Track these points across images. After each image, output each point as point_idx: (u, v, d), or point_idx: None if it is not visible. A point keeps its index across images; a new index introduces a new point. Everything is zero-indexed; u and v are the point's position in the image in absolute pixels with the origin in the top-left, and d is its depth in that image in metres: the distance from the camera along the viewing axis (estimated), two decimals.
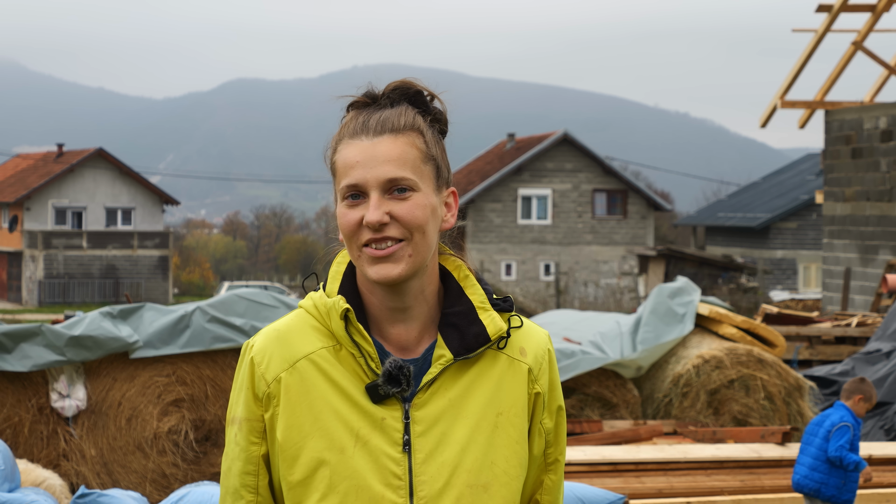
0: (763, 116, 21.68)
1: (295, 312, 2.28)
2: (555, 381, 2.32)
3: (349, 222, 2.18)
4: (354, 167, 2.19)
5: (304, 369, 2.20)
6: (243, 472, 2.25)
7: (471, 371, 2.24)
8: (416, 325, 2.24)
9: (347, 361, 2.21)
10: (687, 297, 10.36)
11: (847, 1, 20.34)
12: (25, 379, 8.23)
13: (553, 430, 2.32)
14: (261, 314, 8.82)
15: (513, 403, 2.25)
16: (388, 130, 2.21)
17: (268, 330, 2.27)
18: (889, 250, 19.43)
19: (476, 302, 2.26)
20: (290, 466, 2.19)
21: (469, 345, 2.22)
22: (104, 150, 58.65)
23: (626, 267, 48.52)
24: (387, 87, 2.26)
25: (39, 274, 55.50)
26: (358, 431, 2.17)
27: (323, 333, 2.23)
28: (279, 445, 2.20)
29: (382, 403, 2.19)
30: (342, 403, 2.19)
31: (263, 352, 2.23)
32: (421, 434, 2.19)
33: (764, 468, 8.28)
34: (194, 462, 8.60)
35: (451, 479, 2.19)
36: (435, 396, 2.21)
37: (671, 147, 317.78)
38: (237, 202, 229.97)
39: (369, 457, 2.17)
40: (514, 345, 2.28)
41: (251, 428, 2.23)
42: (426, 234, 2.19)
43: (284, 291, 44.54)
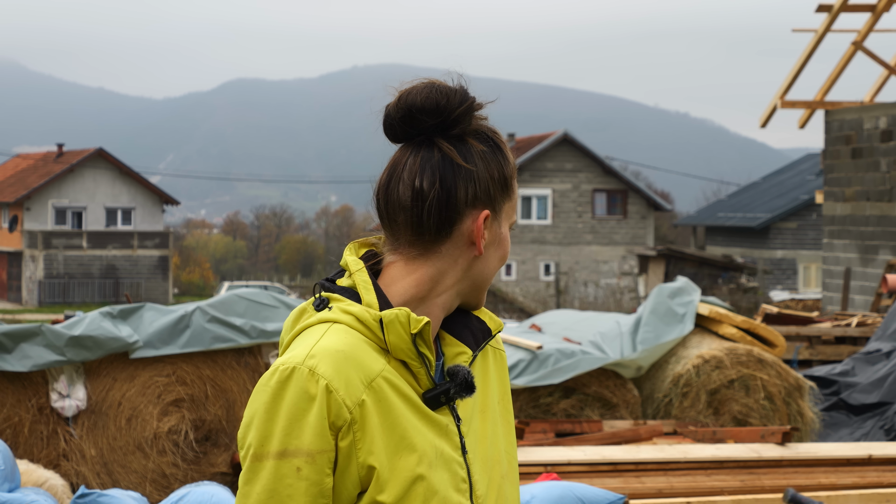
0: (763, 116, 21.69)
1: (336, 329, 2.16)
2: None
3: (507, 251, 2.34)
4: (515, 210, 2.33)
5: (381, 388, 2.14)
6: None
7: (475, 365, 2.30)
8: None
9: (402, 372, 2.19)
10: (687, 297, 10.36)
11: (847, 1, 20.34)
12: (25, 379, 8.23)
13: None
14: (261, 314, 8.82)
15: (505, 390, 2.34)
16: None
17: (330, 352, 2.13)
18: (889, 250, 19.43)
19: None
20: (379, 492, 2.11)
21: (478, 339, 2.28)
22: (104, 150, 58.68)
23: (626, 267, 48.53)
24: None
25: (39, 274, 55.51)
26: (434, 442, 2.16)
27: (375, 348, 2.17)
28: (367, 471, 2.12)
29: (438, 411, 2.20)
30: (415, 417, 2.16)
31: (338, 376, 2.10)
32: (466, 434, 2.22)
33: (764, 468, 8.28)
34: (194, 462, 8.60)
35: (491, 473, 2.25)
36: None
37: (671, 147, 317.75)
38: (237, 202, 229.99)
39: (446, 466, 2.17)
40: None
41: (327, 459, 2.10)
42: None
43: (284, 291, 44.54)
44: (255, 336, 8.66)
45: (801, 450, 8.54)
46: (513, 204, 2.27)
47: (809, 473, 8.24)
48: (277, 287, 48.66)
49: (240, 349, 8.71)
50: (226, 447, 8.67)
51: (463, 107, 2.25)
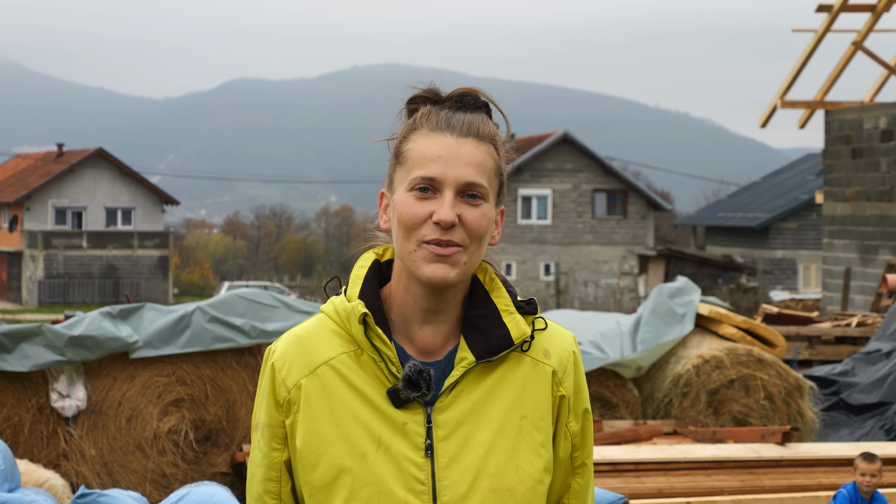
0: (763, 116, 21.69)
1: (317, 317, 2.27)
2: (580, 384, 2.30)
3: (415, 214, 2.16)
4: (434, 161, 2.17)
5: (325, 375, 2.20)
6: (266, 479, 2.25)
7: (494, 374, 2.22)
8: (444, 327, 2.23)
9: (369, 366, 2.20)
10: (687, 297, 10.36)
11: (847, 1, 20.34)
12: (25, 379, 8.23)
13: (579, 433, 2.30)
14: (261, 314, 8.82)
15: (537, 406, 2.23)
16: (473, 135, 2.20)
17: (289, 335, 2.26)
18: (889, 250, 19.43)
19: (500, 305, 2.24)
20: (310, 472, 2.18)
21: (492, 347, 2.21)
22: (104, 150, 58.67)
23: (626, 267, 48.52)
24: (455, 90, 2.25)
25: (39, 274, 55.51)
26: (380, 437, 2.16)
27: (344, 338, 2.22)
28: (299, 452, 2.19)
29: (405, 408, 2.18)
30: (363, 409, 2.18)
31: (284, 358, 2.23)
32: (444, 438, 2.18)
33: (764, 468, 8.28)
34: (194, 462, 8.60)
35: (475, 483, 2.17)
36: (458, 400, 2.20)
37: (671, 147, 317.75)
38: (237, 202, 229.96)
39: (391, 462, 2.16)
40: (539, 347, 2.26)
41: (273, 434, 2.23)
42: (481, 246, 2.20)
43: (284, 291, 44.55)
44: (255, 336, 8.66)
45: (801, 450, 8.54)
46: (408, 166, 2.20)
47: (809, 473, 8.24)
48: (277, 287, 48.66)
49: (240, 349, 8.71)
50: (226, 447, 8.67)
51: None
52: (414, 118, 2.24)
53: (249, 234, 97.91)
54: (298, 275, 70.57)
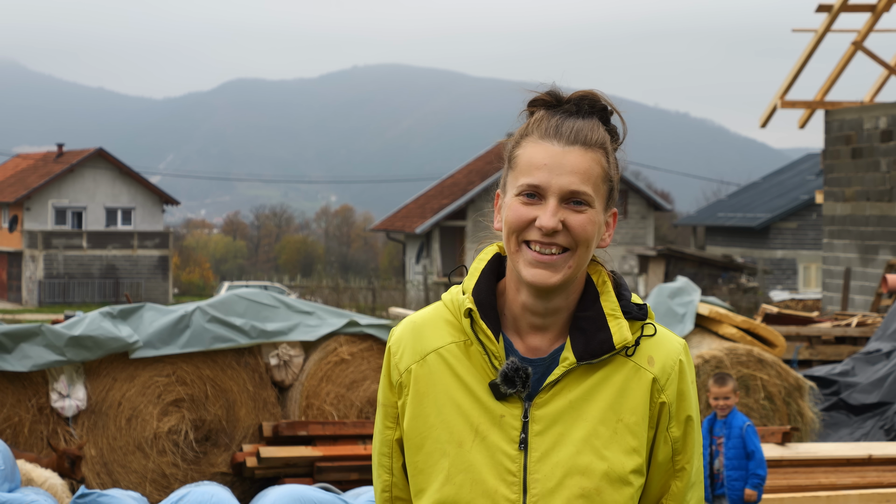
0: (763, 116, 21.69)
1: (435, 305, 2.37)
2: (685, 391, 2.32)
3: (521, 217, 2.24)
4: (540, 168, 2.23)
5: (433, 362, 2.30)
6: (381, 453, 2.37)
7: (595, 375, 2.27)
8: (553, 326, 2.29)
9: (476, 358, 2.28)
10: (687, 297, 10.36)
11: (847, 1, 20.34)
12: (25, 379, 8.23)
13: (681, 438, 2.33)
14: (261, 314, 8.82)
15: (634, 411, 2.27)
16: (580, 142, 2.25)
17: (407, 320, 2.36)
18: (889, 250, 19.43)
19: (607, 309, 2.29)
20: (414, 454, 2.29)
21: (593, 350, 2.25)
22: (104, 150, 58.67)
23: (626, 267, 48.52)
24: (574, 94, 2.30)
25: (39, 274, 55.51)
26: (478, 427, 2.25)
27: (456, 328, 2.31)
28: (406, 433, 2.30)
29: (505, 401, 2.25)
30: (465, 398, 2.26)
31: (399, 342, 2.34)
32: (538, 433, 2.24)
33: None
34: (194, 462, 8.60)
35: (565, 480, 2.23)
36: (556, 397, 2.25)
37: (671, 147, 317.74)
38: (237, 202, 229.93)
39: (486, 452, 2.24)
40: (644, 353, 2.30)
41: (386, 413, 2.35)
42: (588, 249, 2.25)
43: (284, 291, 44.53)
44: (255, 336, 8.65)
45: (801, 450, 8.54)
46: (517, 171, 2.27)
47: (809, 473, 8.24)
48: (277, 287, 48.63)
49: (240, 349, 8.71)
50: (226, 447, 8.67)
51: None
52: (527, 123, 2.31)
53: (249, 234, 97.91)
54: (298, 275, 70.53)
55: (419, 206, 52.20)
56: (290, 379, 8.81)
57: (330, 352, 8.86)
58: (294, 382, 8.83)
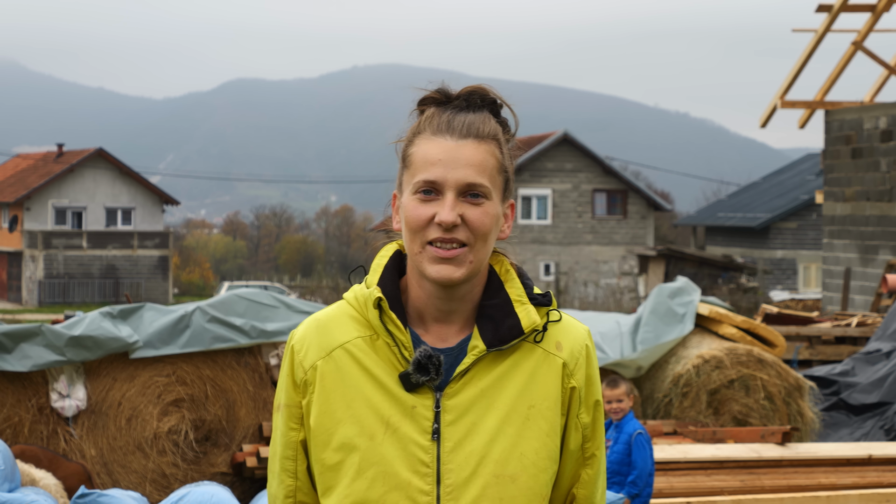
0: (763, 116, 21.68)
1: (338, 303, 2.36)
2: (592, 376, 2.33)
3: (420, 216, 2.23)
4: (435, 164, 2.24)
5: (340, 357, 2.28)
6: (283, 457, 2.33)
7: (505, 363, 2.27)
8: (458, 319, 2.29)
9: (383, 351, 2.27)
10: (687, 297, 10.36)
11: (847, 1, 20.34)
12: (25, 379, 8.23)
13: (590, 424, 2.34)
14: (261, 314, 8.82)
15: (545, 396, 2.28)
16: (473, 135, 2.26)
17: (310, 319, 2.35)
18: (889, 250, 19.43)
19: (513, 295, 2.30)
20: (322, 451, 2.26)
21: (503, 336, 2.26)
22: (104, 150, 58.67)
23: (626, 267, 48.52)
24: (464, 89, 2.31)
25: (39, 274, 55.51)
26: (388, 419, 2.23)
27: (361, 323, 2.30)
28: (312, 431, 2.27)
29: (415, 392, 2.24)
30: (374, 391, 2.25)
31: (303, 340, 2.32)
32: (451, 423, 2.23)
33: (764, 468, 8.28)
34: (194, 462, 8.60)
35: (479, 469, 2.23)
36: (467, 386, 2.25)
37: (671, 147, 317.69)
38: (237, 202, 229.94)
39: (398, 444, 2.23)
40: (551, 339, 2.31)
41: (290, 414, 2.32)
42: (487, 242, 2.25)
43: (284, 291, 44.54)
44: (255, 336, 8.66)
45: (801, 450, 8.54)
46: (412, 169, 2.27)
47: (809, 473, 8.24)
48: (277, 287, 48.65)
49: (240, 349, 8.71)
50: (226, 447, 8.67)
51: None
52: (419, 121, 2.31)
53: (249, 234, 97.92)
54: (298, 275, 70.57)
55: None
56: None
57: None
58: None
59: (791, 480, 8.09)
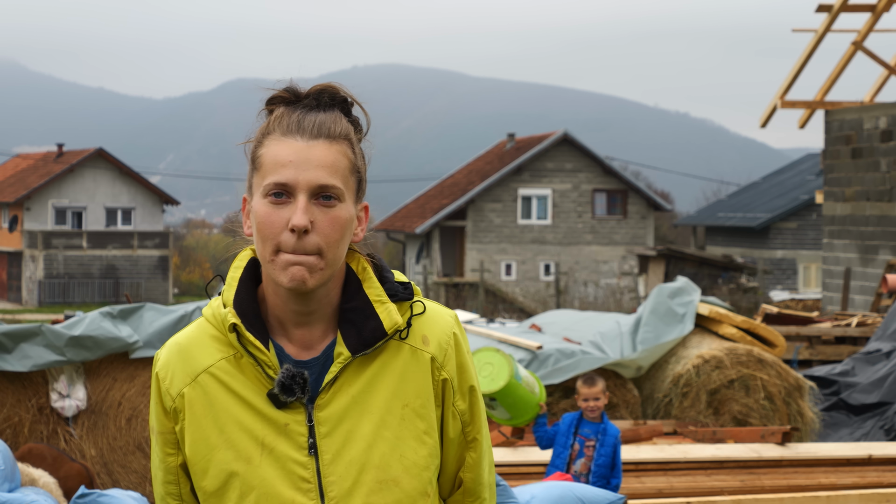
0: (763, 116, 21.68)
1: (197, 322, 2.28)
2: (463, 363, 2.29)
3: (273, 222, 2.17)
4: (286, 166, 2.17)
5: (206, 383, 2.21)
6: (165, 482, 2.28)
7: (373, 365, 2.23)
8: (319, 324, 2.23)
9: (249, 369, 2.21)
10: (687, 297, 10.35)
11: (847, 1, 20.34)
12: (25, 379, 8.23)
13: (468, 410, 2.30)
14: None
15: (418, 394, 2.24)
16: (324, 136, 2.20)
17: (171, 343, 2.27)
18: (889, 250, 19.43)
19: (372, 296, 2.24)
20: (201, 479, 2.21)
21: (366, 340, 2.21)
22: (104, 150, 58.66)
23: (626, 267, 48.51)
24: (313, 88, 2.24)
25: (39, 274, 55.51)
26: (263, 440, 2.18)
27: (223, 342, 2.23)
28: (189, 459, 2.22)
29: (286, 409, 2.19)
30: (245, 413, 2.19)
31: (167, 367, 2.25)
32: (326, 435, 2.19)
33: (764, 468, 8.28)
34: None
35: (361, 477, 2.19)
36: (338, 395, 2.20)
37: (671, 147, 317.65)
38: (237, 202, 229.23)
39: (276, 464, 2.18)
40: (417, 333, 2.26)
41: (165, 440, 2.26)
42: (339, 247, 2.18)
43: None
44: None
45: (801, 450, 8.54)
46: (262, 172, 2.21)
47: (809, 473, 8.24)
48: None
49: None
50: None
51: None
52: (268, 122, 2.25)
53: None
54: None
55: (419, 206, 52.20)
56: None
57: None
58: None
59: (791, 480, 8.09)
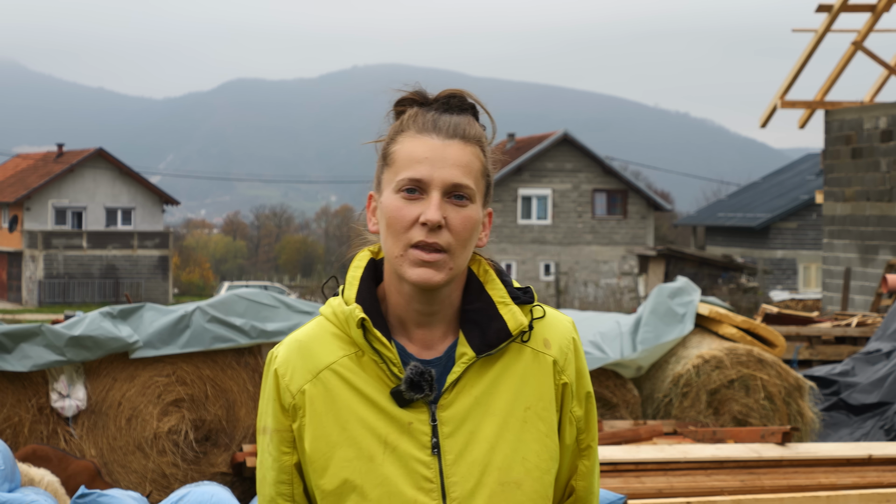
0: (763, 116, 21.68)
1: (316, 320, 2.29)
2: (581, 368, 2.31)
3: (403, 216, 2.18)
4: (421, 162, 2.19)
5: (328, 379, 2.21)
6: (277, 482, 2.27)
7: (495, 367, 2.23)
8: (441, 324, 2.24)
9: (371, 368, 2.21)
10: (687, 297, 10.35)
11: (847, 1, 20.34)
12: (25, 379, 8.23)
13: (583, 417, 2.32)
14: (261, 314, 8.82)
15: (540, 397, 2.25)
16: (460, 136, 2.22)
17: (290, 340, 2.28)
18: (889, 250, 19.43)
19: (496, 297, 2.25)
20: (320, 477, 2.21)
21: (490, 341, 2.22)
22: (104, 150, 58.67)
23: (626, 267, 48.52)
24: (442, 92, 2.27)
25: (39, 274, 55.51)
26: (386, 438, 2.18)
27: (344, 341, 2.23)
28: (308, 456, 2.21)
29: (409, 407, 2.19)
30: (368, 411, 2.19)
31: (286, 363, 2.24)
32: (449, 435, 2.20)
33: (764, 468, 8.28)
34: (194, 462, 8.60)
35: (483, 478, 2.19)
36: (461, 395, 2.21)
37: (671, 147, 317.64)
38: (237, 202, 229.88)
39: (399, 462, 2.18)
40: (538, 337, 2.27)
41: (281, 438, 2.25)
42: (467, 248, 2.20)
43: (284, 291, 44.53)
44: (255, 336, 8.66)
45: (801, 450, 8.54)
46: (395, 167, 2.22)
47: (809, 473, 8.24)
48: (277, 287, 48.64)
49: (240, 349, 8.71)
50: (226, 447, 8.67)
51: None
52: (401, 120, 2.26)
53: (249, 234, 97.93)
54: (298, 275, 70.57)
55: None
56: None
57: None
58: None
59: (791, 480, 8.09)
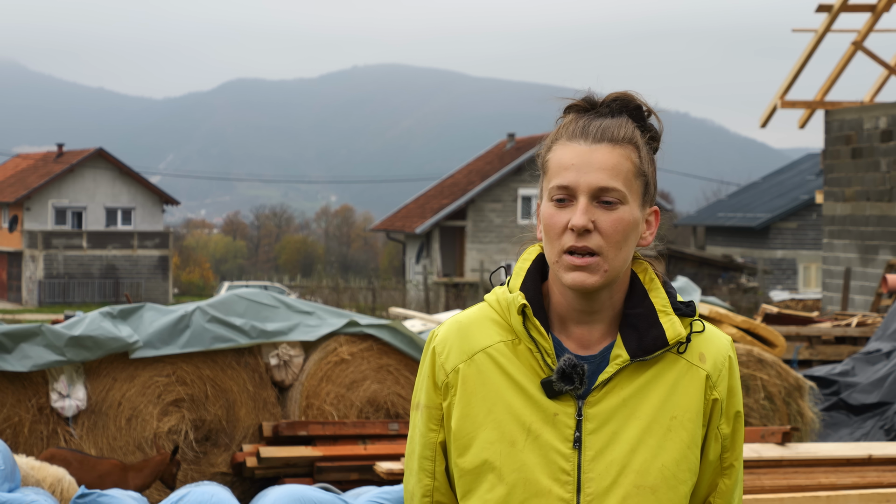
0: (763, 116, 21.68)
1: (479, 305, 2.35)
2: (734, 387, 2.32)
3: (556, 223, 2.23)
4: (568, 169, 2.24)
5: (482, 362, 2.26)
6: (422, 457, 2.32)
7: (647, 373, 2.25)
8: (600, 325, 2.27)
9: (525, 356, 2.25)
10: (687, 298, 10.36)
11: (847, 1, 20.34)
12: (25, 379, 8.23)
13: (730, 435, 2.33)
14: (261, 314, 8.82)
15: (687, 408, 2.26)
16: (607, 139, 2.26)
17: (451, 321, 2.34)
18: (889, 250, 19.43)
19: (658, 305, 2.29)
20: (461, 455, 2.25)
21: (647, 347, 2.24)
22: (104, 150, 58.68)
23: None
24: (608, 96, 2.32)
25: (39, 274, 55.51)
26: (530, 426, 2.22)
27: (502, 327, 2.28)
28: (453, 434, 2.26)
29: (557, 399, 2.22)
30: (516, 397, 2.23)
31: (445, 342, 2.31)
32: (592, 431, 2.22)
33: (764, 468, 8.28)
34: (194, 462, 8.60)
35: (619, 479, 2.21)
36: (609, 395, 2.23)
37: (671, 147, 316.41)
38: (237, 202, 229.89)
39: (539, 451, 2.21)
40: (694, 350, 2.29)
41: (430, 415, 2.31)
42: (622, 249, 2.25)
43: (284, 291, 44.52)
44: (255, 336, 8.65)
45: (801, 450, 8.54)
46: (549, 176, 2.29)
47: (809, 473, 8.24)
48: (277, 287, 48.61)
49: (240, 349, 8.71)
50: (226, 447, 8.67)
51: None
52: (557, 129, 2.34)
53: (249, 234, 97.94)
54: (298, 275, 70.54)
55: (419, 206, 52.21)
56: (290, 379, 8.81)
57: (330, 352, 8.86)
58: (294, 382, 8.83)
59: (791, 480, 8.09)
